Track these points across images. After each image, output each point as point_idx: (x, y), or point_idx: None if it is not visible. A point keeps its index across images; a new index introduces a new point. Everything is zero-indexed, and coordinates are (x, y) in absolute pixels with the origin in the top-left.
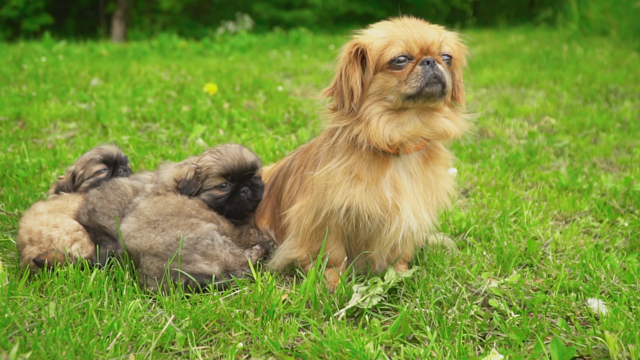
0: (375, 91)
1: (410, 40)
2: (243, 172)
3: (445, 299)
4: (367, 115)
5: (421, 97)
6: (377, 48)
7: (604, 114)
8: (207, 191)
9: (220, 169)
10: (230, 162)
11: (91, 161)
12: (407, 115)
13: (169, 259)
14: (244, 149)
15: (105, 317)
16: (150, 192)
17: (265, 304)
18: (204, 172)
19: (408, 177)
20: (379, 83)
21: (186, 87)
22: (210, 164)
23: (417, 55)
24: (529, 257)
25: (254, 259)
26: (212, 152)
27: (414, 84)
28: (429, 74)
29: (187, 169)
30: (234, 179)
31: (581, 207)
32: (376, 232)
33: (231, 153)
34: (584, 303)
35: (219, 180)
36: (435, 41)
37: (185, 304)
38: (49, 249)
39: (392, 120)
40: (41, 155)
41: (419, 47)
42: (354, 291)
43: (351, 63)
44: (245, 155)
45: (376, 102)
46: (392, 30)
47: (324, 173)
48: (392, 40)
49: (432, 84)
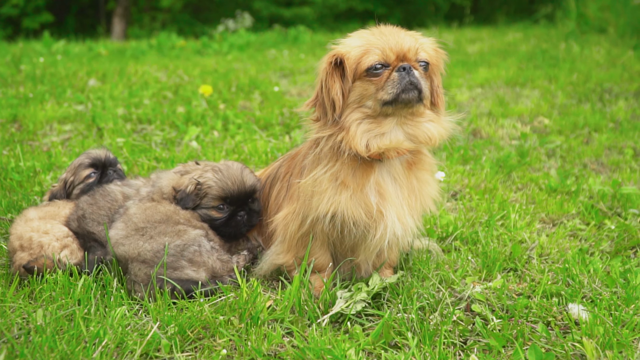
0: (354, 99)
1: (386, 47)
2: (242, 196)
3: (429, 304)
4: (348, 122)
5: (398, 103)
6: (354, 57)
7: (597, 114)
8: (205, 210)
9: (219, 192)
10: (231, 186)
11: (80, 166)
12: (388, 125)
13: (156, 266)
14: (245, 170)
15: (91, 324)
16: (145, 196)
17: (250, 310)
18: (204, 190)
19: (392, 182)
20: (357, 91)
21: (182, 88)
22: (211, 184)
23: (394, 62)
24: (514, 261)
25: (241, 264)
26: (214, 171)
27: (390, 90)
28: (405, 81)
29: (188, 182)
30: (233, 203)
31: (569, 209)
32: (361, 238)
33: (232, 176)
34: (564, 308)
35: (217, 202)
36: (411, 48)
37: (172, 311)
38: (38, 255)
39: (372, 129)
40: (36, 159)
41: (395, 54)
42: (338, 297)
43: (330, 74)
44: (246, 179)
45: (356, 109)
46: (369, 39)
47: (310, 180)
48: (368, 49)
49: (408, 90)
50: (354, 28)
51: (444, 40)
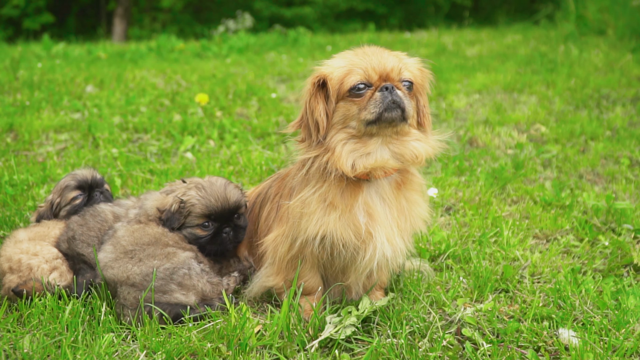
0: (339, 120)
1: (368, 67)
2: (226, 213)
3: (418, 329)
4: (333, 143)
5: (382, 122)
6: (337, 77)
7: (594, 122)
8: (189, 229)
9: (203, 209)
10: (214, 203)
11: (66, 188)
12: (374, 145)
13: (145, 289)
14: (229, 186)
15: (79, 352)
16: (133, 218)
17: (239, 337)
18: (187, 209)
19: (381, 203)
20: (341, 112)
21: (179, 95)
22: (194, 202)
23: (376, 82)
24: (506, 282)
25: (232, 286)
26: (197, 188)
27: (373, 109)
28: (387, 100)
29: (172, 200)
30: (217, 220)
31: (563, 225)
32: (351, 260)
33: (215, 192)
34: (555, 332)
35: (201, 220)
36: (394, 68)
37: (160, 336)
38: (27, 278)
39: (357, 149)
40: (30, 171)
41: (377, 74)
42: (327, 322)
43: (314, 96)
44: (229, 195)
45: (341, 130)
46: (352, 59)
47: (298, 202)
48: (351, 69)
49: (391, 109)
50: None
51: (428, 60)
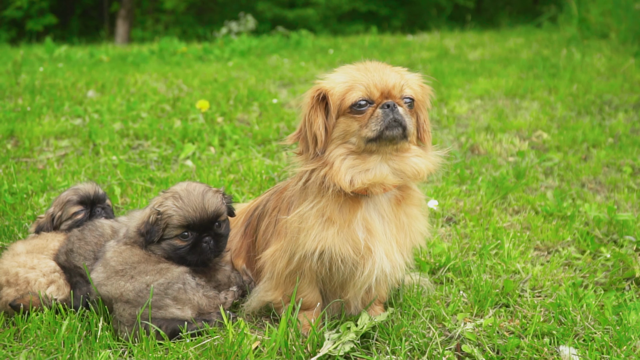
0: (338, 135)
1: (370, 84)
2: (204, 222)
3: (418, 345)
4: (332, 157)
5: (382, 140)
6: (339, 93)
7: (596, 128)
8: (168, 240)
9: (180, 220)
10: (192, 213)
11: (68, 203)
12: (373, 161)
13: (140, 305)
14: (207, 194)
15: None
16: (122, 238)
17: (236, 353)
18: (164, 220)
19: (380, 219)
20: (341, 127)
21: (181, 100)
22: (171, 213)
23: (378, 99)
24: (506, 297)
25: (230, 300)
26: (174, 198)
27: (374, 127)
28: (389, 118)
29: (150, 212)
30: (196, 229)
31: (564, 236)
32: (350, 275)
33: (193, 202)
34: (556, 349)
35: (179, 230)
36: (396, 85)
37: (157, 352)
38: (25, 292)
39: (357, 165)
40: (30, 179)
41: (379, 91)
42: (326, 338)
43: (314, 109)
44: (207, 204)
45: (340, 145)
46: (354, 75)
47: (296, 216)
48: (352, 85)
49: (392, 127)
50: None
51: (430, 77)
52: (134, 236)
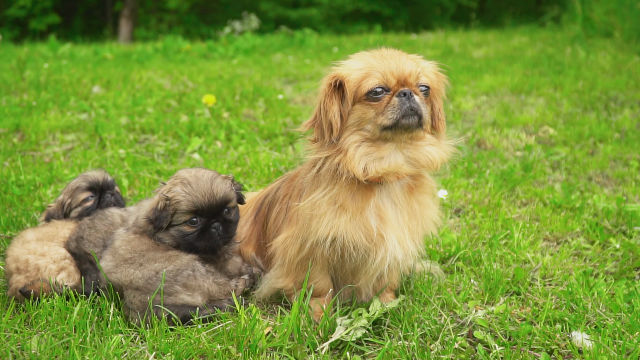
0: (354, 122)
1: (387, 72)
2: (213, 208)
3: (430, 331)
4: (346, 144)
5: (398, 128)
6: (355, 80)
7: (602, 124)
8: (176, 226)
9: (189, 205)
10: (200, 199)
11: (77, 189)
12: (388, 149)
13: (149, 292)
14: (216, 180)
15: (87, 353)
16: (131, 226)
17: (249, 338)
18: (173, 207)
19: (392, 206)
20: (357, 114)
21: (186, 96)
22: (179, 199)
23: (394, 86)
24: (517, 284)
25: (241, 288)
26: (183, 184)
27: (390, 115)
28: (405, 106)
29: (158, 198)
30: (204, 215)
31: (573, 227)
32: (362, 262)
33: (201, 187)
34: (568, 335)
35: (188, 216)
36: (412, 72)
37: (169, 338)
38: (35, 279)
39: (371, 153)
40: (37, 172)
41: (395, 78)
42: (338, 324)
43: (329, 96)
44: (216, 189)
45: (355, 132)
46: (370, 62)
47: (308, 203)
48: (369, 72)
49: (408, 115)
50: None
51: (445, 65)
52: (143, 225)
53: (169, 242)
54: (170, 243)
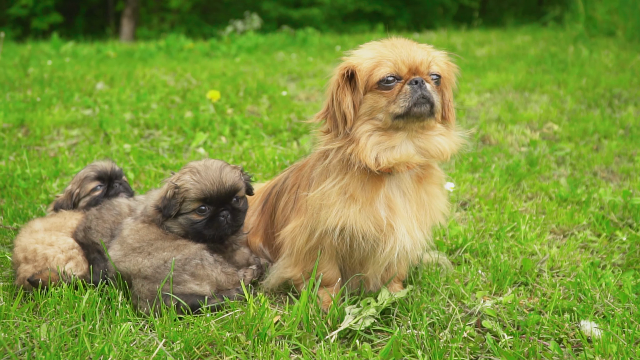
0: (365, 111)
1: (398, 60)
2: (222, 196)
3: (438, 320)
4: (358, 134)
5: (410, 117)
6: (366, 69)
7: (607, 120)
8: (185, 215)
9: (198, 193)
10: (209, 187)
11: (86, 179)
12: (399, 138)
13: (158, 281)
14: (225, 169)
15: (96, 340)
16: (139, 216)
17: (257, 327)
18: (182, 194)
19: (401, 196)
20: (369, 103)
21: (190, 92)
22: (188, 187)
23: (406, 75)
24: (525, 275)
25: (248, 278)
26: (192, 172)
27: (402, 103)
28: (417, 94)
29: (167, 187)
30: (213, 203)
31: (579, 220)
32: (371, 251)
33: (210, 176)
34: (577, 325)
35: (196, 204)
36: (423, 61)
37: (177, 326)
38: (43, 268)
39: (383, 142)
40: (42, 165)
41: (407, 67)
42: (347, 313)
43: (341, 87)
44: (225, 178)
45: (367, 121)
46: (381, 51)
47: (318, 194)
48: (380, 61)
49: (420, 104)
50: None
51: (455, 54)
52: (152, 213)
53: (177, 230)
54: (178, 232)
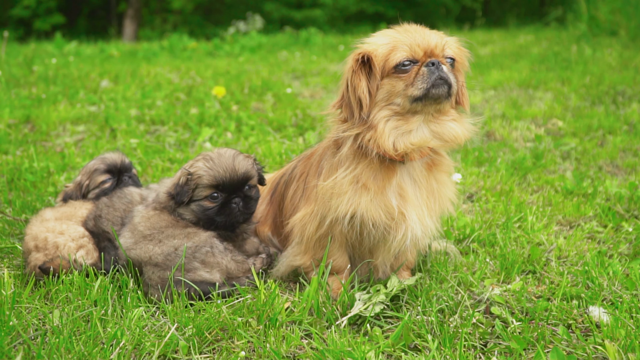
0: (383, 97)
1: (413, 44)
2: (234, 183)
3: (448, 307)
4: (376, 120)
5: (428, 99)
6: (382, 54)
7: (611, 116)
8: (197, 202)
9: (210, 180)
10: (222, 174)
11: (95, 171)
12: (416, 122)
13: (168, 268)
14: (238, 157)
15: (109, 325)
16: (151, 203)
17: (268, 312)
18: (195, 181)
19: (412, 184)
20: (386, 89)
21: (195, 89)
22: (201, 173)
23: (422, 58)
24: (532, 264)
25: (258, 266)
26: (205, 159)
27: (421, 85)
28: (434, 75)
29: (180, 174)
30: (225, 190)
31: (586, 212)
32: (381, 239)
33: (223, 163)
34: (585, 311)
35: (209, 191)
36: (438, 44)
37: (189, 312)
38: (54, 256)
39: (400, 126)
40: (49, 159)
41: (422, 50)
42: (357, 299)
43: (356, 73)
44: (238, 166)
45: (384, 107)
46: (395, 36)
47: (330, 182)
48: (396, 46)
49: (438, 85)
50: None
51: (466, 39)
52: (164, 200)
53: (189, 217)
54: (190, 219)
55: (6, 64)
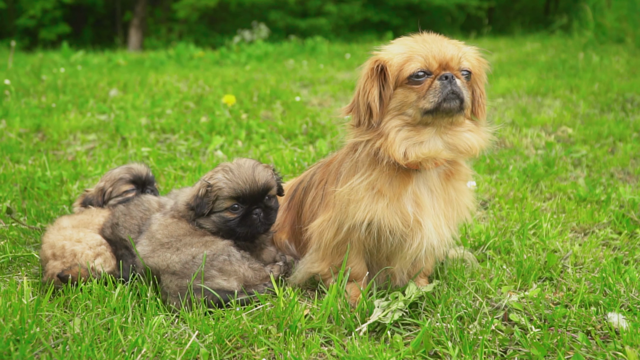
0: (395, 106)
1: (429, 55)
2: (255, 194)
3: (466, 314)
4: (387, 129)
5: (439, 112)
6: (397, 64)
7: (621, 124)
8: (218, 213)
9: (230, 192)
10: (242, 185)
11: (120, 180)
12: (428, 134)
13: (186, 277)
14: (258, 168)
15: (129, 333)
16: (169, 211)
17: (288, 320)
18: (215, 192)
19: (429, 193)
20: (398, 98)
21: (204, 98)
22: (221, 185)
23: (436, 70)
24: (549, 271)
25: (275, 274)
26: (224, 171)
27: (432, 99)
28: (446, 90)
29: (200, 185)
30: (246, 202)
31: (600, 219)
32: (398, 247)
33: (243, 174)
34: (604, 317)
35: (229, 203)
36: (454, 56)
37: (209, 320)
38: (72, 264)
39: (411, 137)
40: (62, 168)
41: (437, 62)
42: (376, 306)
43: (370, 79)
44: (258, 177)
45: (396, 116)
46: (412, 46)
47: (347, 189)
48: (411, 56)
49: (449, 99)
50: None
51: (485, 49)
52: (183, 210)
53: (209, 227)
54: (210, 229)
55: (15, 74)
